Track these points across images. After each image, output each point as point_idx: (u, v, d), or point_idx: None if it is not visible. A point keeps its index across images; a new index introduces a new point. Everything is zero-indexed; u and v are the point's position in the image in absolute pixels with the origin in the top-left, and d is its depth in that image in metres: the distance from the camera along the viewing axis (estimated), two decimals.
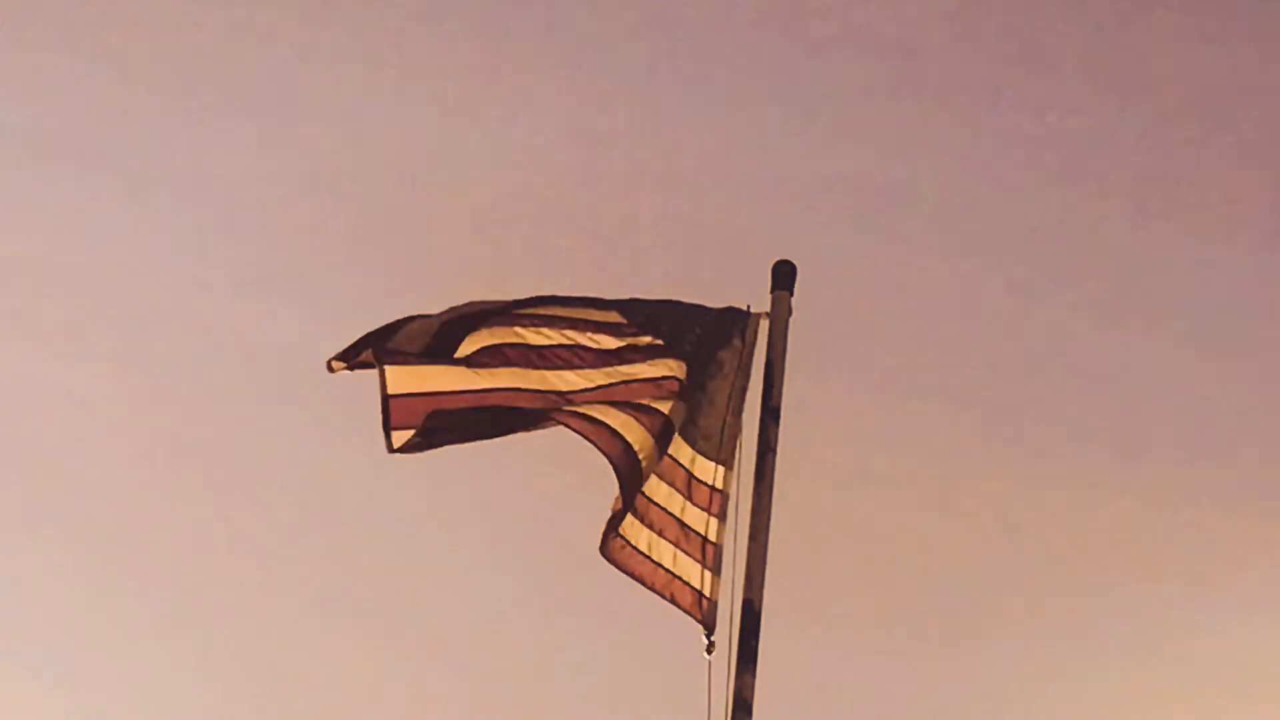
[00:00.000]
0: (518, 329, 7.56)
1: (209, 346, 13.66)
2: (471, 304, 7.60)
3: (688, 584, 7.51)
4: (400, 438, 7.29)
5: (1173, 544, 13.48)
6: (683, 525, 7.54)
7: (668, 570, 7.53)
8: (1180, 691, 13.40)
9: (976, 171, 13.54)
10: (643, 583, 7.53)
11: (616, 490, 7.27)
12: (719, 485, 7.54)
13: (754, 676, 7.16)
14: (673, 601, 7.55)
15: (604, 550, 7.45)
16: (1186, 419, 13.69)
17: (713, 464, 7.53)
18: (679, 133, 13.39)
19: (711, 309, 7.75)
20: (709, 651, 7.32)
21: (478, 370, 7.46)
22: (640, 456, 7.24)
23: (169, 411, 13.81)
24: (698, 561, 7.52)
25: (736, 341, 7.63)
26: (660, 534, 7.55)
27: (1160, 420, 13.70)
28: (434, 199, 13.21)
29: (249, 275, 13.53)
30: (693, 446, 7.55)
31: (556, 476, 11.36)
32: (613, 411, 7.27)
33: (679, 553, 7.54)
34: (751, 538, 7.31)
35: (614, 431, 7.23)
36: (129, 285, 13.63)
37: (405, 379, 7.37)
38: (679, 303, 7.80)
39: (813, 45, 13.36)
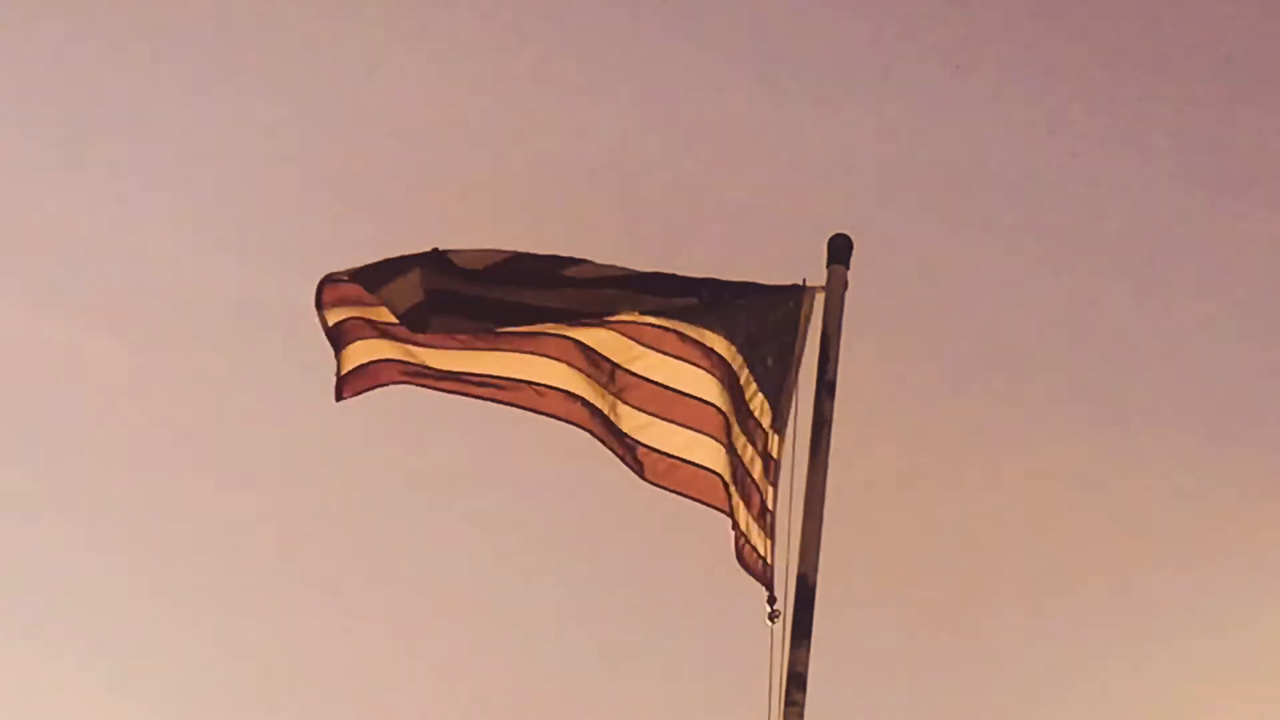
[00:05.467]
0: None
1: (240, 317, 13.69)
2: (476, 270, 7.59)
3: (756, 549, 7.54)
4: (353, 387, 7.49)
5: (1237, 527, 13.43)
6: (756, 490, 7.57)
7: (743, 534, 7.57)
8: (1226, 676, 13.36)
9: (1034, 148, 13.49)
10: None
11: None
12: (773, 453, 7.56)
13: (808, 651, 7.17)
14: (745, 567, 7.57)
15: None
16: (1244, 397, 13.64)
17: (770, 431, 7.56)
18: (735, 105, 13.36)
19: (764, 285, 7.76)
20: (772, 619, 7.32)
21: (448, 350, 7.56)
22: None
23: (200, 382, 13.85)
24: (761, 528, 7.55)
25: (792, 315, 7.63)
26: (743, 499, 7.60)
27: (1221, 396, 13.65)
28: (473, 171, 13.19)
29: (280, 245, 13.55)
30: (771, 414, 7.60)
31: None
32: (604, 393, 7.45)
33: (751, 519, 7.58)
34: (806, 512, 7.32)
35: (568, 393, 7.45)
36: (159, 254, 13.67)
37: (366, 351, 7.57)
38: (729, 282, 7.81)
39: (872, 19, 13.31)
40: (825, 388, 7.50)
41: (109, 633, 13.89)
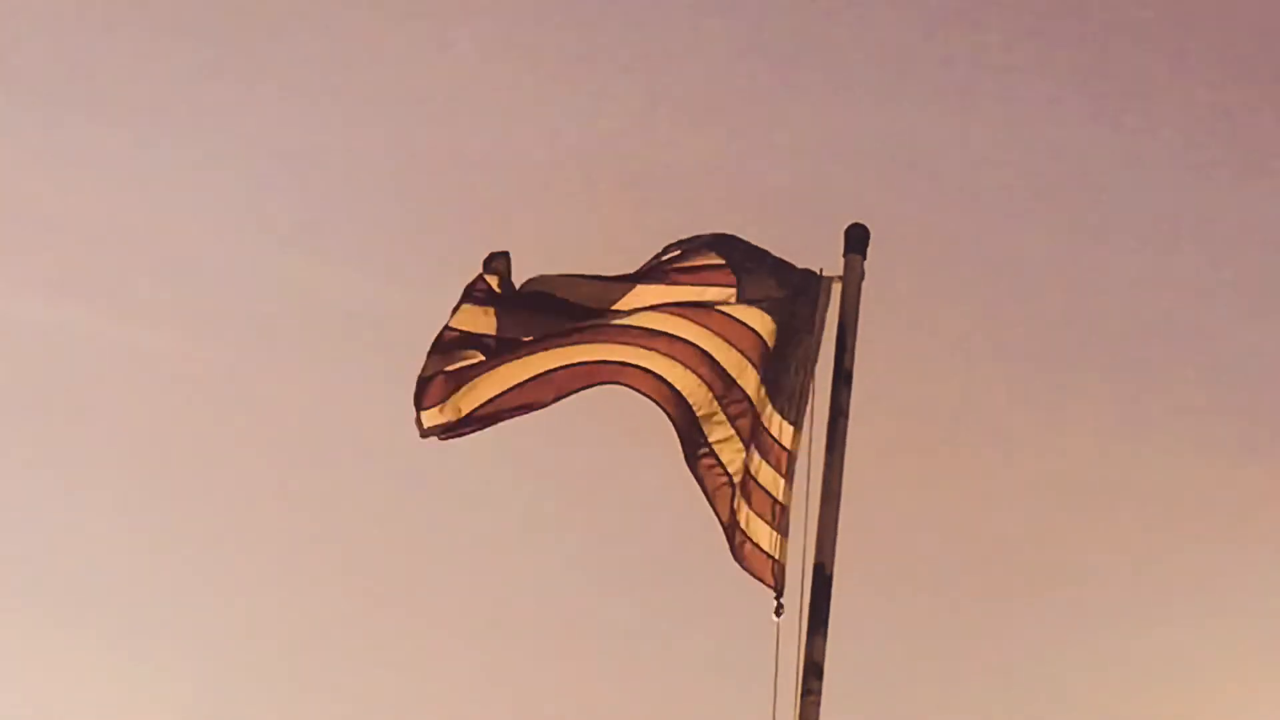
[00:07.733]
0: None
1: (276, 306, 13.72)
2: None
3: (758, 547, 7.52)
4: (430, 418, 7.53)
5: (1262, 513, 13.40)
6: (758, 486, 7.55)
7: (743, 532, 7.55)
8: (1246, 661, 13.34)
9: (1051, 139, 13.47)
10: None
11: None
12: (788, 445, 7.54)
13: (825, 640, 7.17)
14: (744, 566, 7.56)
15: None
16: (1270, 383, 13.62)
17: (783, 422, 7.54)
18: (751, 96, 13.35)
19: (791, 267, 7.76)
20: (778, 614, 7.33)
21: (522, 359, 7.58)
22: (690, 402, 7.38)
23: (234, 370, 13.88)
24: (768, 524, 7.53)
25: (808, 305, 7.62)
26: (743, 496, 7.57)
27: (1247, 382, 13.63)
28: (499, 160, 13.20)
29: (316, 234, 13.57)
30: (772, 404, 7.56)
31: (622, 437, 11.38)
32: (657, 356, 7.43)
33: (752, 514, 7.55)
34: (823, 502, 7.31)
35: (658, 377, 7.41)
36: (195, 242, 13.70)
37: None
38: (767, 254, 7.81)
39: (891, 9, 13.30)
40: (842, 378, 7.49)
41: (138, 614, 13.98)
